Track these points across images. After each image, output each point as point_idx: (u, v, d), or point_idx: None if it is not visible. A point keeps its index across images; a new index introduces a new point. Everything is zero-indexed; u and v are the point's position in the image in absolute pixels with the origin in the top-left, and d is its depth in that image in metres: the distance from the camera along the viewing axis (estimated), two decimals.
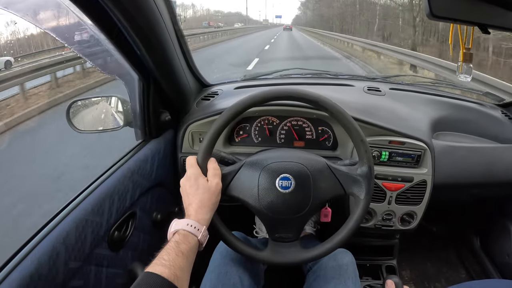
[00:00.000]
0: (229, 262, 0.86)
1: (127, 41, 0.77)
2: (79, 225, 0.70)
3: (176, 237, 0.63)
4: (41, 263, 0.61)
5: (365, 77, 1.52)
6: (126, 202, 0.86)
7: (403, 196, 1.09)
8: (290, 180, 0.75)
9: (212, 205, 0.70)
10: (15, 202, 2.12)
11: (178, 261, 0.58)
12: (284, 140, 1.17)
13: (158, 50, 0.86)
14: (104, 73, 0.90)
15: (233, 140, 1.18)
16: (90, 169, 2.43)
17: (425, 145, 1.06)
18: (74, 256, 0.68)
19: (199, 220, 0.66)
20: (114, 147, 1.58)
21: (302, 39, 24.98)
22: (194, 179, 0.71)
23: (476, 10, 0.81)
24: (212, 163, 0.74)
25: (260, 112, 1.12)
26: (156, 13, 0.76)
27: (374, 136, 1.06)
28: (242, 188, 0.76)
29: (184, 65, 1.06)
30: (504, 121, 1.31)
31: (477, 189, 1.24)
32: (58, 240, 0.65)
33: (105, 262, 0.80)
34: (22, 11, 0.66)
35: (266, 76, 1.47)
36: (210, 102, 1.19)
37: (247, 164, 0.78)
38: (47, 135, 3.42)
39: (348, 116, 0.74)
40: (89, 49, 0.81)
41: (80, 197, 0.76)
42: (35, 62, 4.75)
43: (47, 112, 4.04)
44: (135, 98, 0.95)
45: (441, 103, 1.30)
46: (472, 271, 1.53)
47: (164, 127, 1.07)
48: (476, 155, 1.16)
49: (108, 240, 0.80)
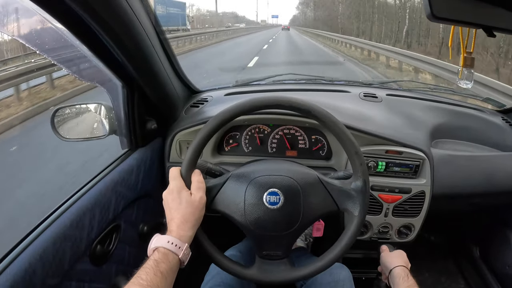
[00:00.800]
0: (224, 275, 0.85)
1: (105, 47, 0.73)
2: (57, 241, 0.67)
3: (156, 255, 0.60)
4: (16, 280, 0.58)
5: (362, 82, 1.48)
6: (108, 215, 0.83)
7: (400, 208, 1.05)
8: (279, 195, 0.70)
9: (195, 220, 0.67)
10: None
11: (157, 281, 0.56)
12: (275, 149, 1.12)
13: (137, 55, 0.82)
14: (83, 80, 0.85)
15: (223, 149, 1.13)
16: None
17: (423, 154, 1.02)
18: (52, 273, 0.65)
19: (180, 237, 0.63)
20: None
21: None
22: (176, 192, 0.67)
23: (481, 12, 0.77)
24: (196, 175, 0.71)
25: (250, 120, 1.08)
26: (130, 15, 0.72)
27: (370, 145, 1.02)
28: (228, 203, 0.72)
29: (170, 71, 1.02)
30: (504, 128, 1.28)
31: (477, 199, 1.21)
32: (34, 257, 0.62)
33: (87, 277, 0.77)
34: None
35: (258, 82, 1.43)
36: (199, 109, 1.15)
37: (233, 177, 0.74)
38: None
39: (341, 126, 0.70)
40: (64, 55, 0.76)
41: (57, 211, 0.72)
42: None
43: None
44: (119, 106, 0.91)
45: (440, 110, 1.26)
46: (471, 282, 1.50)
47: (151, 135, 1.03)
48: (476, 164, 1.13)
49: (90, 254, 0.77)
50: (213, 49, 15.46)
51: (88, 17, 0.63)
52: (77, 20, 0.64)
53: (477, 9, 0.73)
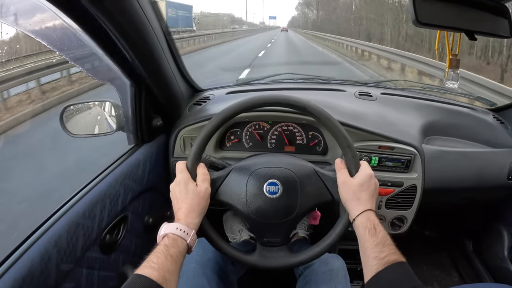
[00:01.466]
0: (200, 268, 0.88)
1: (117, 47, 0.78)
2: (71, 229, 0.71)
3: (166, 240, 0.64)
4: (33, 265, 0.62)
5: (357, 82, 1.52)
6: (117, 206, 0.87)
7: (393, 200, 1.09)
8: (278, 186, 0.76)
9: (201, 209, 0.71)
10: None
11: (167, 264, 0.59)
12: (275, 145, 1.18)
13: (147, 55, 0.87)
14: (95, 78, 0.90)
15: (224, 145, 1.19)
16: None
17: (414, 150, 1.06)
18: (66, 259, 0.69)
19: (188, 224, 0.67)
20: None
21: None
22: (183, 184, 0.71)
23: (463, 17, 0.82)
24: (202, 168, 0.75)
25: (251, 117, 1.13)
26: (143, 18, 0.77)
27: (364, 141, 1.07)
28: (230, 193, 0.77)
29: (175, 71, 1.07)
30: (495, 126, 1.32)
31: (468, 193, 1.25)
32: (50, 243, 0.66)
33: (96, 265, 0.80)
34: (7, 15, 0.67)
35: (258, 81, 1.48)
36: (202, 107, 1.20)
37: (235, 170, 0.79)
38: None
39: (335, 122, 0.75)
40: (79, 54, 0.81)
41: (72, 201, 0.77)
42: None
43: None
44: (127, 103, 0.96)
45: (432, 108, 1.31)
46: (464, 275, 1.54)
47: (156, 132, 1.08)
48: (467, 159, 1.17)
49: (100, 243, 0.81)
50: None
51: (104, 20, 0.67)
52: (92, 22, 0.68)
53: (459, 14, 0.78)
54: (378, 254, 0.62)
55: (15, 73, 3.90)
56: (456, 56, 0.88)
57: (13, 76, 3.91)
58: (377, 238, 0.64)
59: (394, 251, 0.63)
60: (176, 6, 27.70)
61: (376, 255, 0.62)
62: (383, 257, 0.62)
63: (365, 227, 0.67)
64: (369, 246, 0.64)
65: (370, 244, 0.64)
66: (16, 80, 4.05)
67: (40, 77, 4.72)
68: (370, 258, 0.63)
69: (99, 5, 0.64)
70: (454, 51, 0.87)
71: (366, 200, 0.70)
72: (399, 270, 0.60)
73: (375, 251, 0.63)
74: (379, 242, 0.64)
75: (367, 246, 0.65)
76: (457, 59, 0.88)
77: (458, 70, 0.90)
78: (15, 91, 4.24)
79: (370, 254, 0.63)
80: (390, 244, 0.64)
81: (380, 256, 0.62)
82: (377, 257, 0.62)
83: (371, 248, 0.64)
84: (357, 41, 14.42)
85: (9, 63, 3.97)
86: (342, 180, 0.74)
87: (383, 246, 0.63)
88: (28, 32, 0.68)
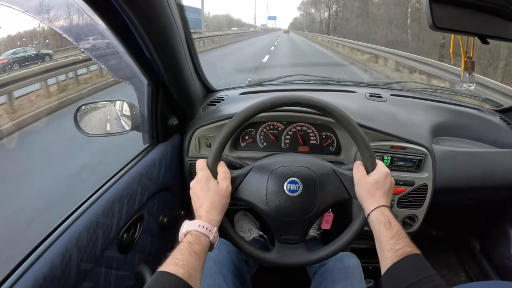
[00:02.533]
0: (217, 267, 0.88)
1: (138, 45, 0.79)
2: (90, 228, 0.71)
3: (189, 237, 0.64)
4: (54, 264, 0.61)
5: (367, 83, 1.54)
6: (135, 205, 0.88)
7: (404, 199, 1.11)
8: (298, 184, 0.77)
9: (223, 207, 0.72)
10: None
11: (192, 261, 0.59)
12: (288, 145, 1.19)
13: (169, 55, 0.88)
14: (115, 76, 0.91)
15: (239, 145, 1.20)
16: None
17: (425, 150, 1.08)
18: (86, 258, 0.69)
19: (210, 221, 0.67)
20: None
21: None
22: (204, 182, 0.72)
23: (476, 21, 0.84)
24: (222, 166, 0.76)
25: (266, 117, 1.14)
26: (170, 17, 0.78)
27: (376, 141, 1.08)
28: (251, 191, 0.78)
29: (193, 70, 1.08)
30: (502, 127, 1.33)
31: (476, 193, 1.26)
32: (70, 242, 0.66)
33: (114, 264, 0.80)
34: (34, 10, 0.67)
35: (270, 82, 1.49)
36: (216, 108, 1.21)
37: (255, 168, 0.80)
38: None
39: (353, 123, 0.76)
40: (101, 52, 0.82)
41: (90, 200, 0.77)
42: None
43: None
44: (144, 103, 0.96)
45: (441, 109, 1.32)
46: (472, 274, 1.55)
47: (171, 131, 1.08)
48: (475, 159, 1.18)
49: (118, 242, 0.82)
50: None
51: (133, 17, 0.68)
52: (118, 19, 0.69)
53: (473, 19, 0.80)
54: (394, 246, 0.63)
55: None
56: (471, 59, 0.89)
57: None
58: (392, 231, 0.66)
59: (409, 243, 0.64)
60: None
61: (391, 247, 0.63)
62: (398, 249, 0.63)
63: (380, 221, 0.68)
64: (384, 239, 0.65)
65: (385, 237, 0.65)
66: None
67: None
68: (385, 250, 0.64)
69: (131, 2, 0.65)
70: (468, 54, 0.89)
71: (380, 197, 0.71)
72: (414, 261, 0.61)
73: (390, 243, 0.64)
74: (394, 235, 0.65)
75: (382, 239, 0.66)
76: (472, 61, 0.90)
77: (473, 72, 0.91)
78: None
79: (386, 246, 0.64)
80: (405, 237, 0.65)
81: (395, 248, 0.63)
82: (392, 249, 0.63)
83: (386, 241, 0.65)
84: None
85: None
86: (358, 177, 0.75)
87: (398, 238, 0.64)
88: (54, 27, 0.68)
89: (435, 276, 0.58)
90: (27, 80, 3.91)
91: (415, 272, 0.59)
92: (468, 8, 0.82)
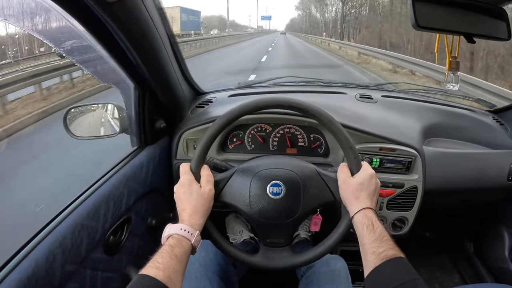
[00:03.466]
0: (203, 270, 0.88)
1: (122, 49, 0.79)
2: (75, 230, 0.72)
3: (170, 241, 0.64)
4: (38, 265, 0.62)
5: (358, 84, 1.53)
6: (121, 208, 0.88)
7: (394, 202, 1.10)
8: (281, 187, 0.76)
9: (205, 210, 0.72)
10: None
11: (172, 264, 0.60)
12: (276, 147, 1.19)
13: (152, 59, 0.88)
14: (100, 81, 0.91)
15: (227, 147, 1.20)
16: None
17: (415, 151, 1.07)
18: (70, 260, 0.69)
19: (192, 225, 0.68)
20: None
21: None
22: (187, 186, 0.72)
23: (462, 20, 0.84)
24: (205, 170, 0.76)
25: (253, 120, 1.14)
26: (148, 20, 0.78)
27: (365, 143, 1.08)
28: (234, 195, 0.78)
29: (179, 73, 1.08)
30: (495, 127, 1.33)
31: (469, 194, 1.26)
32: (55, 244, 0.67)
33: (100, 265, 0.81)
34: (13, 17, 0.68)
35: (260, 84, 1.49)
36: (204, 110, 1.21)
37: (239, 171, 0.80)
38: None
39: (337, 124, 0.76)
40: (85, 57, 0.82)
41: (76, 202, 0.77)
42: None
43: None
44: (131, 106, 0.97)
45: (433, 110, 1.32)
46: (465, 276, 1.54)
47: (159, 134, 1.09)
48: (467, 160, 1.18)
49: (104, 244, 0.82)
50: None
51: (111, 23, 0.68)
52: (99, 25, 0.69)
53: (458, 18, 0.80)
54: (376, 249, 0.63)
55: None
56: (456, 59, 0.89)
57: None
58: (375, 234, 0.65)
59: (392, 246, 0.64)
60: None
61: (374, 250, 0.63)
62: (381, 252, 0.62)
63: (363, 223, 0.68)
64: (367, 242, 0.65)
65: (368, 240, 0.65)
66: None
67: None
68: (368, 253, 0.64)
69: (107, 8, 0.65)
70: (453, 54, 0.88)
71: (365, 199, 0.71)
72: (397, 265, 0.61)
73: (373, 246, 0.64)
74: (376, 238, 0.65)
75: (365, 242, 0.66)
76: (457, 61, 0.89)
77: (458, 72, 0.91)
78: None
79: (368, 249, 0.64)
80: (388, 239, 0.65)
81: (378, 251, 0.63)
82: (375, 252, 0.63)
83: (369, 244, 0.65)
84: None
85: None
86: (343, 179, 0.75)
87: (381, 241, 0.64)
88: (35, 34, 0.69)
89: (418, 280, 0.58)
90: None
91: (398, 276, 0.59)
92: (453, 6, 0.82)
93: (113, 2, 0.64)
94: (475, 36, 0.84)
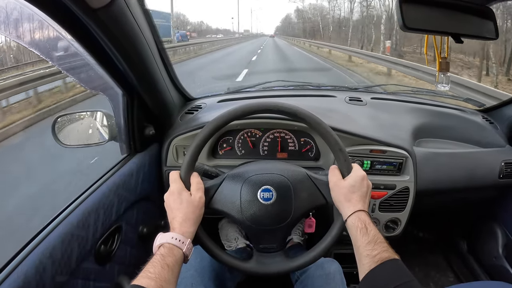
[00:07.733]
0: (198, 276, 0.88)
1: (109, 56, 0.78)
2: (65, 240, 0.71)
3: (162, 250, 0.64)
4: (28, 278, 0.61)
5: (347, 87, 1.54)
6: (111, 216, 0.87)
7: (386, 203, 1.10)
8: (272, 192, 0.76)
9: (196, 218, 0.71)
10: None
11: (164, 273, 0.59)
12: (267, 152, 1.18)
13: (140, 65, 0.87)
14: (87, 88, 0.90)
15: (217, 153, 1.19)
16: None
17: (406, 152, 1.08)
18: (60, 271, 0.68)
19: (183, 233, 0.67)
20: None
21: None
22: (177, 194, 0.72)
23: (449, 20, 0.84)
24: (195, 177, 0.75)
25: (243, 125, 1.13)
26: (134, 26, 0.77)
27: (355, 145, 1.08)
28: (225, 201, 0.77)
29: (167, 79, 1.07)
30: (485, 126, 1.34)
31: (461, 193, 1.26)
32: (44, 255, 0.65)
33: (92, 276, 0.80)
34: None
35: (249, 89, 1.49)
36: (193, 116, 1.20)
37: (229, 177, 0.79)
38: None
39: (326, 126, 0.76)
40: (71, 64, 0.81)
41: (65, 212, 0.76)
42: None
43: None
44: (119, 113, 0.95)
45: (422, 111, 1.32)
46: (460, 275, 1.55)
47: (148, 141, 1.07)
48: (458, 160, 1.19)
49: (95, 254, 0.81)
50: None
51: (97, 29, 0.67)
52: (84, 31, 0.68)
53: (445, 18, 0.80)
54: (370, 252, 0.63)
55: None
56: (446, 59, 0.90)
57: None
58: (369, 237, 0.65)
59: (386, 248, 0.64)
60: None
61: (368, 253, 0.63)
62: (375, 255, 0.62)
63: (356, 226, 0.67)
64: (361, 245, 0.65)
65: (362, 243, 0.65)
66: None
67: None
68: (362, 256, 0.64)
69: (92, 15, 0.64)
70: (443, 54, 0.89)
71: (357, 201, 0.71)
72: (392, 267, 0.61)
73: (367, 249, 0.64)
74: (370, 241, 0.64)
75: (359, 245, 0.65)
76: (447, 62, 0.90)
77: (448, 73, 0.91)
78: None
79: (363, 252, 0.64)
80: (382, 242, 0.65)
81: (372, 254, 0.63)
82: (369, 255, 0.63)
83: (363, 247, 0.65)
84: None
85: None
86: (334, 182, 0.75)
87: (374, 244, 0.64)
88: (20, 41, 0.67)
89: (413, 282, 0.58)
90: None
91: (392, 278, 0.59)
92: (440, 7, 0.83)
93: (98, 8, 0.63)
94: (463, 36, 0.85)
